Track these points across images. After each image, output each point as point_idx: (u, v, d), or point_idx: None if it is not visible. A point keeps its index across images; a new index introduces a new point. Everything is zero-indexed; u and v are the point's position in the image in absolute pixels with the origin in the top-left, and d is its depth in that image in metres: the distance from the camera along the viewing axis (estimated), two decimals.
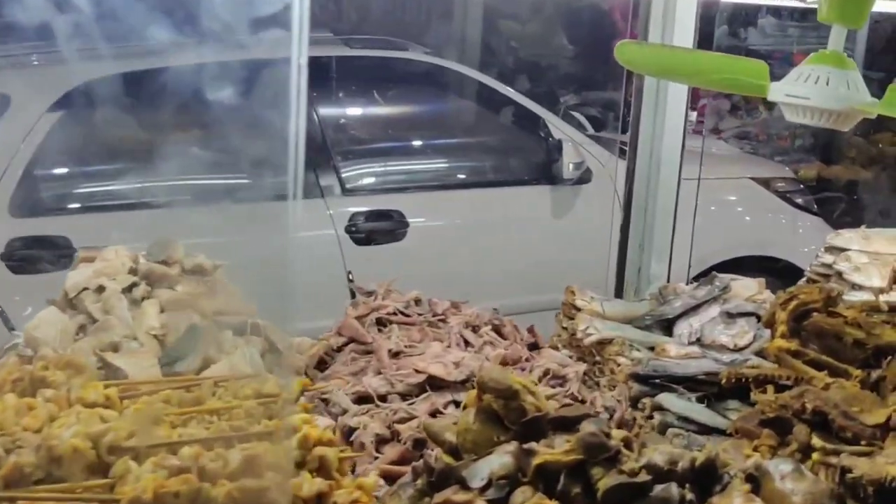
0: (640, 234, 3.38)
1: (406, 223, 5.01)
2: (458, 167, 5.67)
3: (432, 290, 5.00)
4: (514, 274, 5.17)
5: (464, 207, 5.32)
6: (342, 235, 4.86)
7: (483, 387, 1.92)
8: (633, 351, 2.79)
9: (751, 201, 6.11)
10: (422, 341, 2.69)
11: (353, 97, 5.66)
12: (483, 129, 5.90)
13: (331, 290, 4.52)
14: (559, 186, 5.39)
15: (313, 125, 4.96)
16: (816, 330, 2.18)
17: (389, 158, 5.54)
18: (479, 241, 5.18)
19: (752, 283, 3.20)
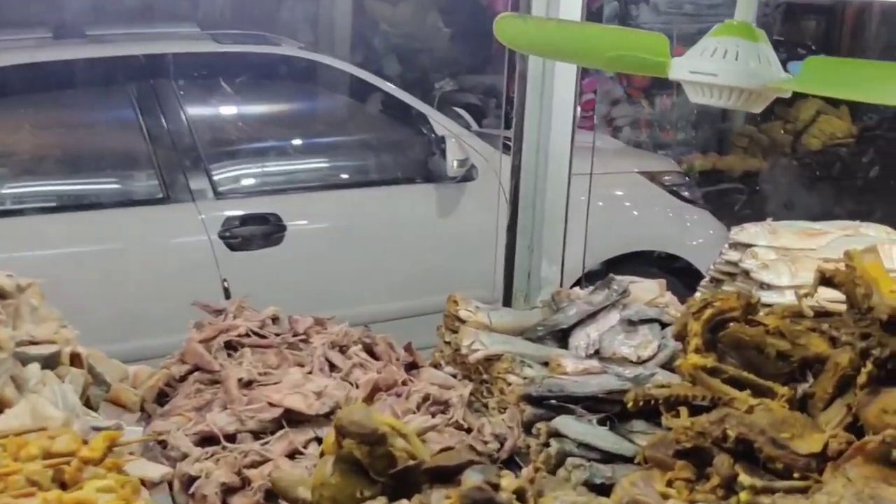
0: (529, 234, 3.05)
1: (283, 227, 4.65)
2: (337, 167, 5.36)
3: (311, 296, 4.63)
4: (398, 277, 4.88)
5: (344, 209, 5.00)
6: (216, 241, 4.50)
7: (343, 430, 1.55)
8: (525, 368, 2.45)
9: (639, 196, 5.92)
10: (279, 367, 2.30)
11: (223, 96, 5.25)
12: (362, 126, 5.57)
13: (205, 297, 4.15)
14: (443, 185, 5.10)
15: (181, 125, 4.64)
16: (735, 342, 1.87)
17: (264, 159, 5.18)
18: (361, 244, 4.87)
19: (652, 286, 2.90)
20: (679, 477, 1.83)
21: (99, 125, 4.86)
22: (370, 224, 4.97)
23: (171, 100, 4.67)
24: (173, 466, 2.03)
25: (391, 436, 1.53)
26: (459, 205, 5.14)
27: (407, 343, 2.56)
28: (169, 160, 4.52)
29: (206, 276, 4.44)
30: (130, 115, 4.58)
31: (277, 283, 4.51)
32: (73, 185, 4.60)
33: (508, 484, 1.46)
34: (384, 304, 4.86)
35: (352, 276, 4.78)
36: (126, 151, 4.66)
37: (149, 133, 4.52)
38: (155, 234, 4.44)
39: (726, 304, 1.85)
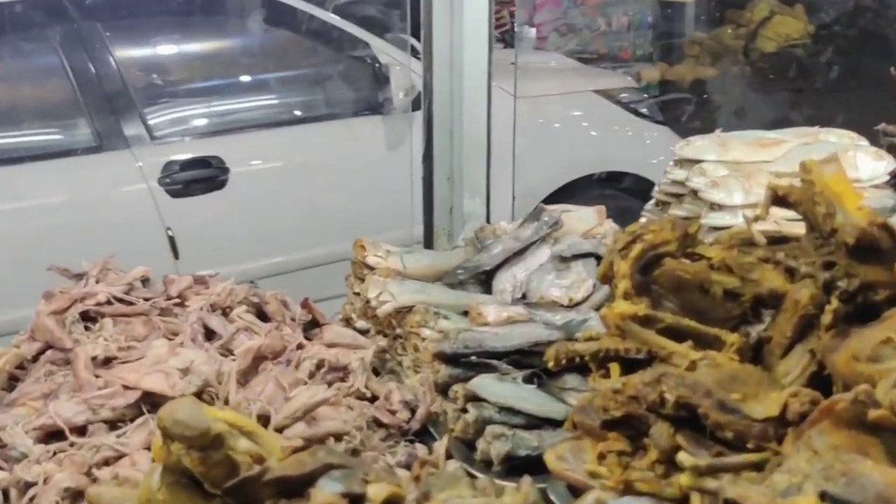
0: (448, 163, 2.68)
1: (226, 169, 4.45)
2: (279, 103, 5.15)
3: (261, 240, 4.41)
4: (348, 215, 4.68)
5: (288, 147, 4.80)
6: (155, 188, 4.27)
7: (167, 433, 1.20)
8: (441, 320, 2.11)
9: (596, 115, 5.81)
10: (147, 338, 1.94)
11: (153, 34, 5.03)
12: (302, 59, 5.38)
13: (148, 251, 4.04)
14: (390, 116, 4.89)
15: (110, 69, 4.39)
16: (672, 281, 1.53)
17: (202, 100, 4.96)
18: (308, 183, 4.68)
19: (588, 214, 2.56)
20: (611, 450, 1.50)
21: (21, 73, 4.55)
22: (316, 162, 4.77)
23: (98, 42, 4.41)
24: (12, 471, 1.69)
25: (229, 436, 1.19)
26: (409, 136, 4.90)
27: (304, 299, 2.20)
28: (99, 106, 4.29)
29: (149, 227, 4.24)
30: (55, 60, 4.33)
31: (224, 229, 4.37)
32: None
33: (377, 493, 1.12)
34: (337, 244, 4.58)
35: (301, 217, 4.59)
36: (53, 100, 4.44)
37: (76, 79, 4.27)
38: (90, 185, 4.21)
39: (659, 236, 1.50)
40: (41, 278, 2.88)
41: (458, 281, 2.33)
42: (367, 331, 2.33)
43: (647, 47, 7.83)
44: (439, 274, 2.36)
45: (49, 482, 1.60)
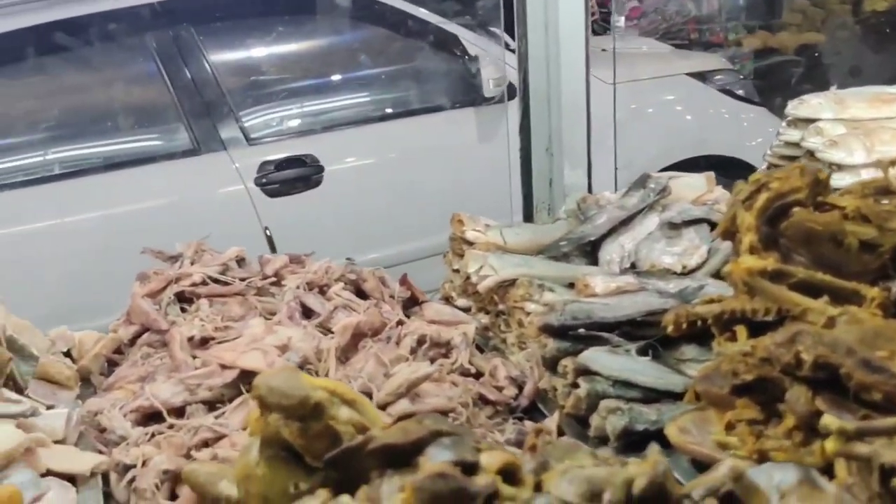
0: (546, 134, 2.56)
1: (321, 167, 4.45)
2: (371, 100, 5.11)
3: (357, 236, 4.37)
4: (443, 208, 4.52)
5: (381, 143, 4.77)
6: (252, 188, 4.30)
7: (263, 402, 1.12)
8: (546, 293, 2.00)
9: (690, 98, 5.62)
10: (244, 318, 1.88)
11: (246, 37, 5.05)
12: (392, 55, 5.33)
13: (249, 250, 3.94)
14: (482, 107, 4.81)
15: (205, 73, 4.43)
16: (802, 233, 1.40)
17: (295, 99, 4.94)
18: (403, 178, 4.63)
19: (697, 180, 2.43)
20: (742, 418, 1.37)
21: (120, 81, 4.60)
22: (411, 156, 4.74)
23: (193, 47, 4.46)
24: (111, 454, 1.64)
25: (330, 405, 1.11)
26: (502, 126, 4.84)
27: (402, 275, 2.12)
28: (196, 110, 4.33)
29: (247, 226, 4.24)
30: (152, 67, 4.39)
31: (320, 226, 4.33)
32: (101, 147, 4.42)
33: (490, 462, 1.02)
34: (433, 236, 4.57)
35: (397, 212, 4.56)
36: (151, 106, 4.48)
37: (172, 84, 4.33)
38: (189, 187, 4.24)
39: (786, 184, 1.37)
40: None
41: (561, 253, 2.22)
42: (467, 308, 2.24)
43: (739, 29, 7.64)
44: (541, 247, 2.26)
45: (148, 464, 1.55)
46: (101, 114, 4.50)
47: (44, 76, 4.48)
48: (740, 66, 6.74)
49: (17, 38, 4.35)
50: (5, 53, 4.37)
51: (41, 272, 3.87)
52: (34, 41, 4.35)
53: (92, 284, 3.83)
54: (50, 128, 4.38)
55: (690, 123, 5.60)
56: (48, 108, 4.43)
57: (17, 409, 1.61)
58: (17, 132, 4.39)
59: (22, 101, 4.43)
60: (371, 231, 4.48)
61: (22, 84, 4.47)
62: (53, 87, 4.48)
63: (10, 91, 4.44)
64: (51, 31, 4.37)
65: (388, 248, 4.50)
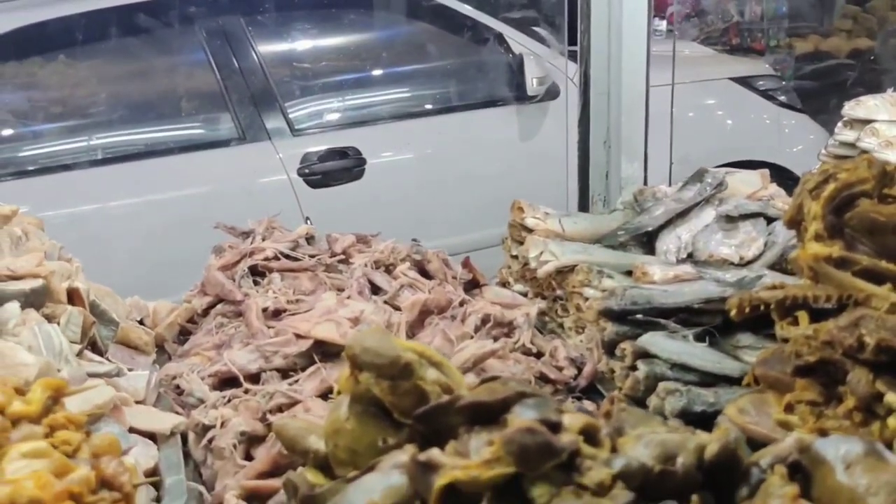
0: (605, 127, 2.62)
1: (363, 160, 4.51)
2: (415, 95, 5.17)
3: (397, 230, 4.53)
4: (483, 204, 4.64)
5: (423, 137, 4.82)
6: (295, 179, 4.38)
7: (356, 361, 1.19)
8: (605, 279, 2.07)
9: (732, 103, 5.65)
10: (314, 293, 1.96)
11: (294, 29, 5.13)
12: (437, 51, 5.38)
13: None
14: (524, 105, 4.86)
15: (253, 63, 4.50)
16: (866, 224, 1.45)
17: (340, 93, 5.01)
18: (444, 172, 4.70)
19: (752, 177, 2.48)
20: (802, 399, 1.43)
21: (169, 69, 4.71)
22: (452, 152, 4.78)
23: (241, 37, 4.54)
24: (189, 415, 1.73)
25: (418, 365, 1.18)
26: (543, 125, 4.88)
27: (465, 258, 2.19)
28: (242, 100, 4.39)
29: (288, 215, 4.21)
30: (200, 56, 4.47)
31: (361, 218, 4.33)
32: (148, 133, 4.50)
33: (572, 422, 1.09)
34: (471, 232, 4.64)
35: (437, 207, 4.61)
36: (199, 94, 4.57)
37: (220, 73, 4.40)
38: (233, 175, 4.31)
39: (854, 174, 1.42)
40: (192, 264, 2.99)
41: (618, 242, 2.28)
42: (524, 294, 2.30)
43: (781, 35, 7.63)
44: (598, 236, 2.32)
45: (226, 426, 1.63)
46: (153, 101, 4.56)
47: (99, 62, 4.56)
48: (783, 73, 6.75)
49: (70, 24, 4.44)
50: (60, 37, 4.47)
51: None
52: (86, 27, 4.44)
53: (140, 267, 3.90)
54: (103, 113, 4.47)
55: (731, 128, 5.62)
56: (99, 95, 4.56)
57: (104, 368, 1.70)
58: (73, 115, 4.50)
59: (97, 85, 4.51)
60: (410, 224, 4.50)
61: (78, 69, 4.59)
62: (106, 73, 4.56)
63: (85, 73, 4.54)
64: (101, 17, 4.45)
65: (427, 242, 4.57)
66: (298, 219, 4.31)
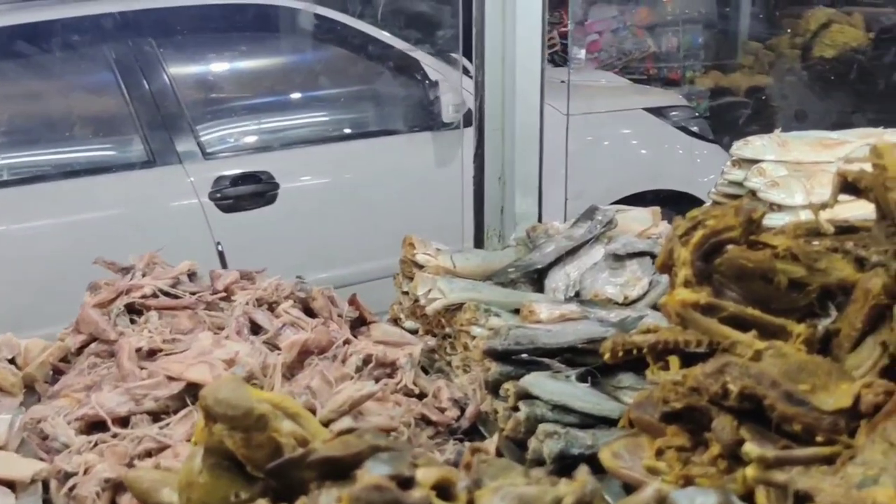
0: (499, 163, 2.62)
1: (276, 185, 4.44)
2: (329, 120, 5.16)
3: (310, 255, 4.39)
4: (397, 231, 4.54)
5: (337, 163, 4.79)
6: (206, 203, 4.30)
7: (209, 412, 1.15)
8: (492, 318, 2.05)
9: (646, 133, 5.74)
10: (192, 331, 1.90)
11: (206, 51, 5.09)
12: (352, 76, 5.37)
13: (200, 263, 3.95)
14: (440, 132, 4.85)
15: (164, 85, 4.42)
16: (734, 270, 1.46)
17: (253, 116, 4.96)
18: (358, 199, 4.66)
19: (643, 214, 2.50)
20: (671, 445, 1.43)
21: (78, 89, 4.61)
22: (366, 178, 4.74)
23: (152, 59, 4.44)
24: (52, 461, 1.66)
25: (273, 417, 1.14)
26: (459, 151, 4.88)
27: (352, 296, 2.16)
28: (153, 122, 4.30)
29: (199, 241, 4.23)
30: (109, 77, 4.36)
31: (273, 243, 4.34)
32: (56, 154, 4.39)
33: (426, 477, 1.07)
34: (384, 259, 4.58)
35: (350, 233, 4.56)
36: (108, 116, 4.47)
37: (130, 95, 4.30)
38: (142, 199, 4.22)
39: (722, 221, 1.43)
40: None
41: (508, 279, 2.27)
42: (415, 331, 2.28)
43: (698, 67, 7.80)
44: (489, 273, 2.31)
45: (90, 472, 1.57)
46: (58, 121, 4.47)
47: (5, 79, 4.47)
48: (696, 104, 6.89)
49: None
50: None
51: None
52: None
53: (42, 293, 3.81)
54: (4, 133, 4.34)
55: (645, 157, 5.71)
56: (4, 113, 4.44)
57: None
58: None
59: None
60: (323, 250, 4.49)
61: None
62: (12, 91, 4.48)
63: None
64: (10, 35, 4.36)
65: (339, 267, 4.47)
66: (209, 243, 4.26)
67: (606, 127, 5.54)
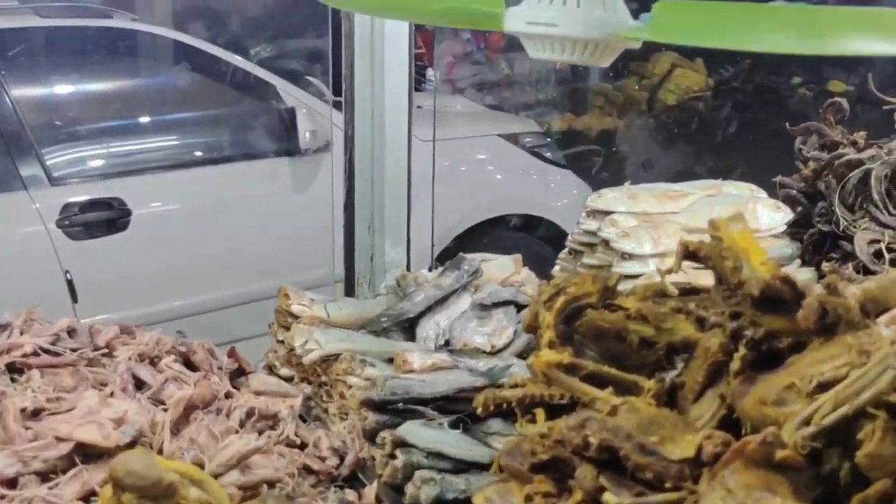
0: (369, 212, 2.75)
1: (128, 211, 4.37)
2: (182, 145, 5.11)
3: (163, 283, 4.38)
4: (253, 257, 4.67)
5: (191, 188, 4.76)
6: (54, 230, 4.19)
7: (119, 483, 1.23)
8: (367, 367, 2.17)
9: (501, 158, 5.88)
10: (76, 389, 1.95)
11: (52, 74, 4.97)
12: (207, 100, 5.35)
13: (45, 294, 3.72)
14: (296, 158, 4.90)
15: (6, 108, 4.30)
16: (593, 331, 1.63)
17: (103, 140, 4.86)
18: (213, 225, 4.65)
19: (506, 262, 2.67)
20: (539, 491, 1.58)
21: None
22: (221, 203, 4.73)
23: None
24: None
25: (181, 485, 1.23)
26: (316, 178, 4.93)
27: (231, 348, 2.24)
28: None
29: (47, 270, 4.14)
30: None
31: (125, 271, 4.30)
32: None
33: None
34: (240, 286, 4.63)
35: (205, 259, 4.55)
36: None
37: None
38: None
39: (580, 289, 1.60)
40: None
41: (381, 328, 2.39)
42: (291, 378, 2.37)
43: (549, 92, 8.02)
44: (363, 322, 2.42)
45: None
46: None
47: None
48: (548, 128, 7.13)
49: None
50: None
51: None
52: None
53: None
54: None
55: (501, 182, 5.84)
56: None
57: None
58: None
59: None
60: (177, 278, 4.47)
61: None
62: None
63: None
64: None
65: (193, 295, 4.50)
66: (57, 272, 4.14)
67: (462, 152, 5.65)
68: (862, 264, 2.70)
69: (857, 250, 2.71)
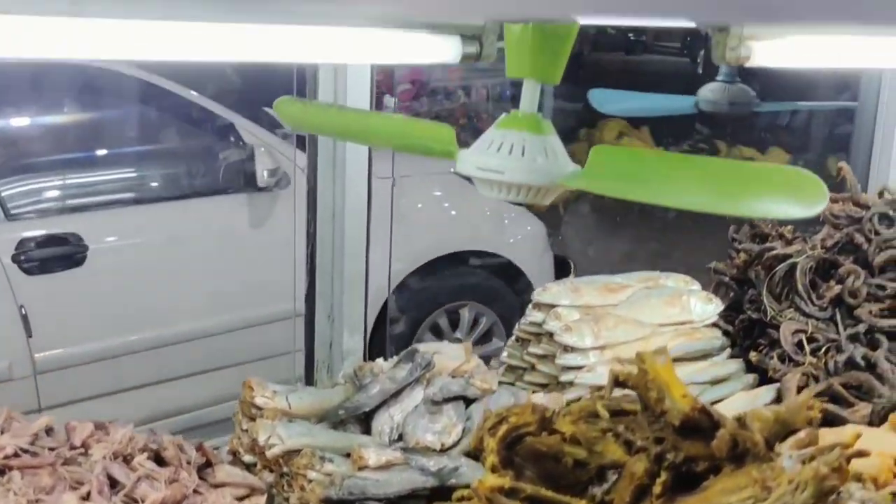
0: (329, 303, 2.92)
1: (85, 246, 4.42)
2: (140, 180, 5.16)
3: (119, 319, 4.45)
4: (210, 292, 4.75)
5: (148, 224, 4.81)
6: (9, 265, 4.23)
7: None
8: (326, 463, 2.34)
9: (456, 195, 5.93)
10: (54, 489, 2.09)
11: (8, 108, 4.96)
12: (165, 137, 5.42)
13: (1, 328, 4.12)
14: (254, 195, 4.96)
15: None
16: (532, 453, 1.82)
17: (59, 175, 4.90)
18: (169, 261, 4.71)
19: (457, 351, 2.85)
20: None
21: None
22: (178, 239, 4.79)
23: None
24: None
25: None
26: (273, 214, 5.03)
27: (199, 442, 2.39)
28: None
29: (1, 305, 4.18)
30: None
31: (82, 306, 4.36)
32: None
33: None
34: (197, 321, 4.71)
35: (162, 295, 4.60)
36: None
37: None
38: None
39: (521, 419, 1.79)
40: None
41: (339, 420, 2.56)
42: (254, 464, 2.53)
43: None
44: (322, 413, 2.59)
45: None
46: None
47: None
48: None
49: None
50: None
51: None
52: None
53: None
54: None
55: (456, 219, 5.93)
56: None
57: None
58: None
59: None
60: (134, 313, 4.52)
61: None
62: None
63: None
64: None
65: (149, 330, 4.57)
66: (12, 307, 4.17)
67: (421, 189, 5.69)
68: (786, 353, 2.92)
69: (781, 340, 2.93)
